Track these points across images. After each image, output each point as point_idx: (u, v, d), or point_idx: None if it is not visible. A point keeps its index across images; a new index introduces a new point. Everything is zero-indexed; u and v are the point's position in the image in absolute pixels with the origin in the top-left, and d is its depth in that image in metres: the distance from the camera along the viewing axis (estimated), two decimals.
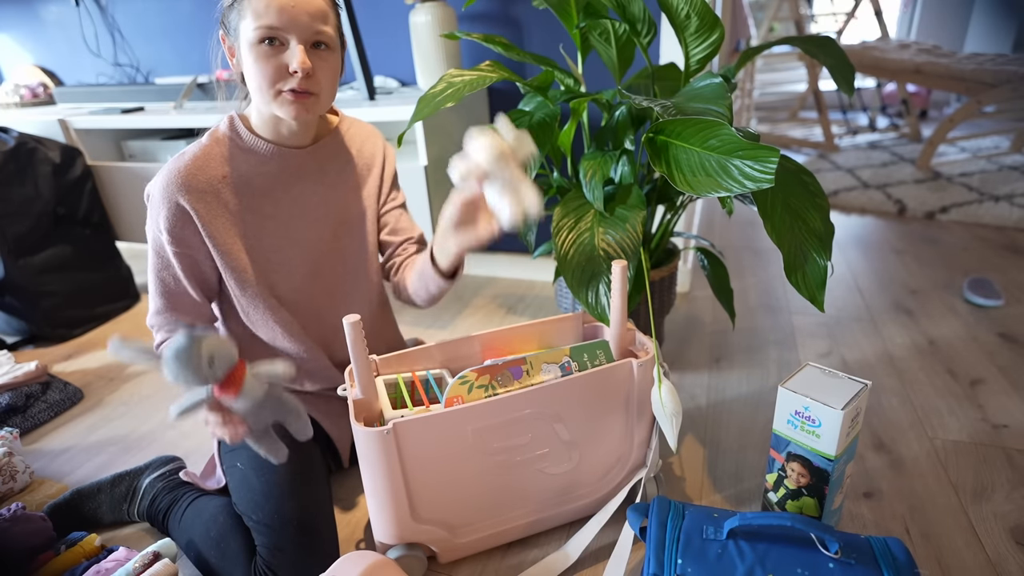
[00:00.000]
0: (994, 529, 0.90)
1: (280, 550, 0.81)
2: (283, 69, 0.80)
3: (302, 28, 0.79)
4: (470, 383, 0.82)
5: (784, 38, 1.13)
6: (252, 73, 0.81)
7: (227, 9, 0.82)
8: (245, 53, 0.80)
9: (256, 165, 0.90)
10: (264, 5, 0.77)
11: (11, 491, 1.09)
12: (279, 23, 0.77)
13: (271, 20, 0.77)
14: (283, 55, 0.79)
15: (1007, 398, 1.19)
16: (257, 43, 0.78)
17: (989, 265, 1.76)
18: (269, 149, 0.90)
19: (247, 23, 0.78)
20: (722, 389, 1.29)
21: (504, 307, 1.72)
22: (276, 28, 0.78)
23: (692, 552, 0.73)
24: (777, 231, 0.87)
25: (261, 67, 0.79)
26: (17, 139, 1.62)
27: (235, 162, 0.89)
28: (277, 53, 0.79)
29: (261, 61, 0.79)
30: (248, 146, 0.89)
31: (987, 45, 3.62)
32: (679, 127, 0.85)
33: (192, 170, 0.85)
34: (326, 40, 0.81)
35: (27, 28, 2.27)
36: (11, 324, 1.70)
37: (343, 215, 0.98)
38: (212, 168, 0.87)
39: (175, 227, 0.85)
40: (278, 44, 0.79)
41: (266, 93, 0.81)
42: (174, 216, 0.85)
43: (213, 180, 0.87)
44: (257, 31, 0.78)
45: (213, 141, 0.89)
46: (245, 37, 0.79)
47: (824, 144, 3.07)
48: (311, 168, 0.93)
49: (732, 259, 1.94)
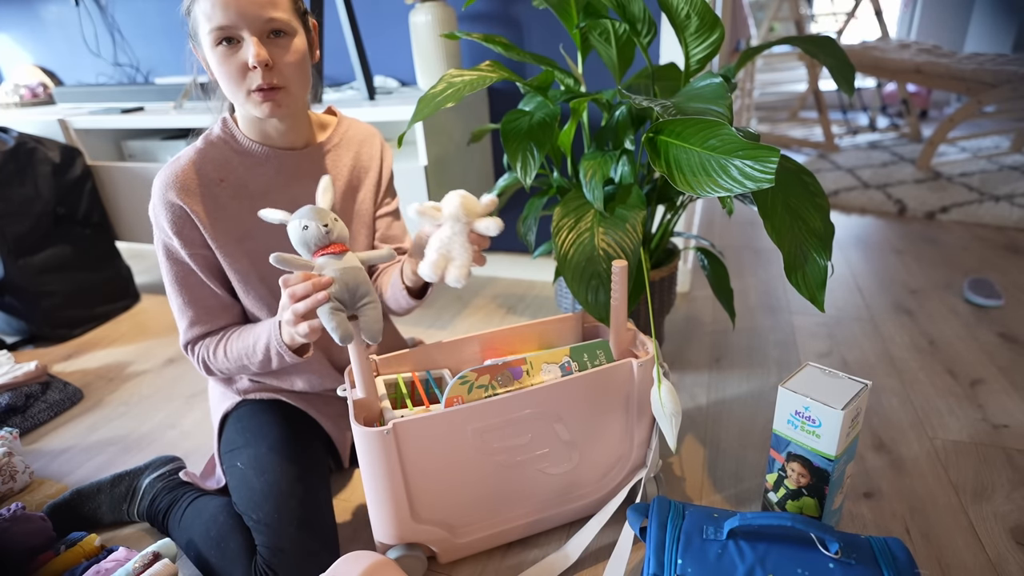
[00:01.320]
0: (994, 529, 0.90)
1: (280, 550, 0.81)
2: (243, 67, 0.78)
3: (251, 20, 0.76)
4: (470, 383, 0.82)
5: (784, 38, 1.13)
6: (219, 77, 0.80)
7: (187, 18, 0.80)
8: (209, 59, 0.79)
9: (252, 167, 0.89)
10: (210, 5, 0.75)
11: (11, 491, 1.09)
12: (227, 20, 0.75)
13: (219, 19, 0.75)
14: (240, 52, 0.77)
15: (1007, 398, 1.19)
16: (215, 46, 0.77)
17: (989, 265, 1.76)
18: (263, 151, 0.89)
19: (203, 28, 0.77)
20: (722, 389, 1.29)
21: (504, 307, 1.72)
22: (226, 27, 0.75)
23: (692, 552, 0.73)
24: (777, 231, 0.87)
25: (224, 70, 0.78)
26: (17, 139, 1.62)
27: (231, 165, 0.88)
28: (235, 52, 0.77)
29: (223, 64, 0.78)
30: (243, 148, 0.89)
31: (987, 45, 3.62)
32: (679, 127, 0.85)
33: (188, 173, 0.85)
34: (281, 26, 0.78)
35: (27, 28, 2.27)
36: (11, 324, 1.70)
37: (341, 216, 0.97)
38: (208, 171, 0.86)
39: (182, 229, 0.85)
40: (235, 43, 0.77)
41: (237, 95, 0.80)
42: (177, 219, 0.85)
43: (210, 183, 0.86)
44: (211, 34, 0.76)
45: (207, 144, 0.88)
46: (204, 43, 0.78)
47: (824, 144, 3.07)
48: (308, 170, 0.93)
49: (732, 259, 1.94)
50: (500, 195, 1.34)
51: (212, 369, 0.92)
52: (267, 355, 0.85)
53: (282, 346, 0.82)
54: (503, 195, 1.36)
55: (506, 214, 1.86)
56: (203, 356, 0.91)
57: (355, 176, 0.98)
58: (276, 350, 0.84)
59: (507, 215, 1.86)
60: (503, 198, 1.38)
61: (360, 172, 0.99)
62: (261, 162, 0.89)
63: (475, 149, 1.68)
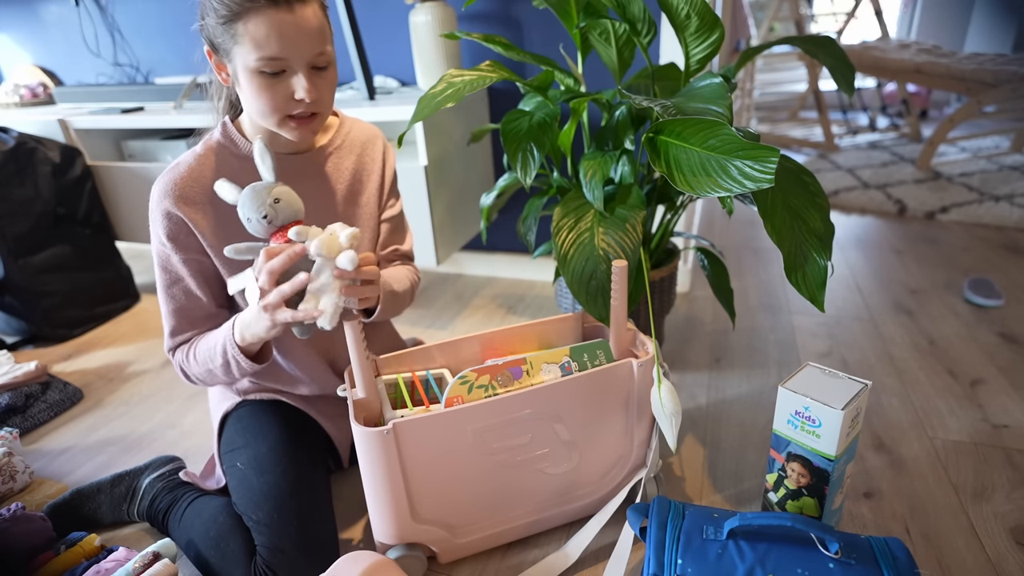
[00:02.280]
0: (994, 529, 0.90)
1: (280, 550, 0.81)
2: (288, 97, 0.77)
3: (304, 53, 0.75)
4: (470, 383, 0.82)
5: (784, 38, 1.13)
6: (253, 100, 0.77)
7: (215, 27, 0.74)
8: (243, 79, 0.76)
9: (253, 172, 0.87)
10: (264, 34, 0.72)
11: (11, 491, 1.09)
12: (282, 52, 0.73)
13: (274, 51, 0.73)
14: (287, 82, 0.76)
15: (1007, 398, 1.19)
16: (258, 73, 0.75)
17: (989, 265, 1.76)
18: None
19: (244, 50, 0.73)
20: (722, 389, 1.29)
21: (504, 307, 1.72)
22: (279, 59, 0.74)
23: (692, 552, 0.73)
24: (777, 231, 0.87)
25: (265, 97, 0.76)
26: (17, 139, 1.62)
27: (231, 170, 0.87)
28: (280, 81, 0.76)
29: (265, 91, 0.76)
30: (244, 153, 0.88)
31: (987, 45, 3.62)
32: (679, 127, 0.85)
33: (188, 181, 0.84)
34: (327, 60, 0.78)
35: (27, 28, 2.27)
36: (11, 324, 1.71)
37: (344, 220, 0.96)
38: (207, 178, 0.85)
39: (177, 235, 0.85)
40: (280, 71, 0.75)
41: (269, 119, 0.79)
42: (174, 225, 0.84)
43: (209, 190, 0.85)
44: (259, 62, 0.73)
45: (207, 150, 0.87)
46: (243, 63, 0.75)
47: (824, 144, 3.07)
48: (311, 173, 0.92)
49: (732, 259, 1.94)
50: (500, 195, 1.34)
51: (189, 376, 0.91)
52: (224, 359, 0.84)
53: (234, 348, 0.82)
54: (503, 195, 1.36)
55: (506, 214, 1.86)
56: (180, 361, 0.90)
57: (357, 179, 0.97)
58: (231, 355, 0.82)
59: (507, 215, 1.86)
60: (503, 198, 1.38)
61: (363, 175, 0.98)
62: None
63: (475, 149, 1.68)
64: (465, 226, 1.67)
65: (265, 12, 0.71)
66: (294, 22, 0.73)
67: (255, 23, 0.72)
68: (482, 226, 1.37)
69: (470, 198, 1.67)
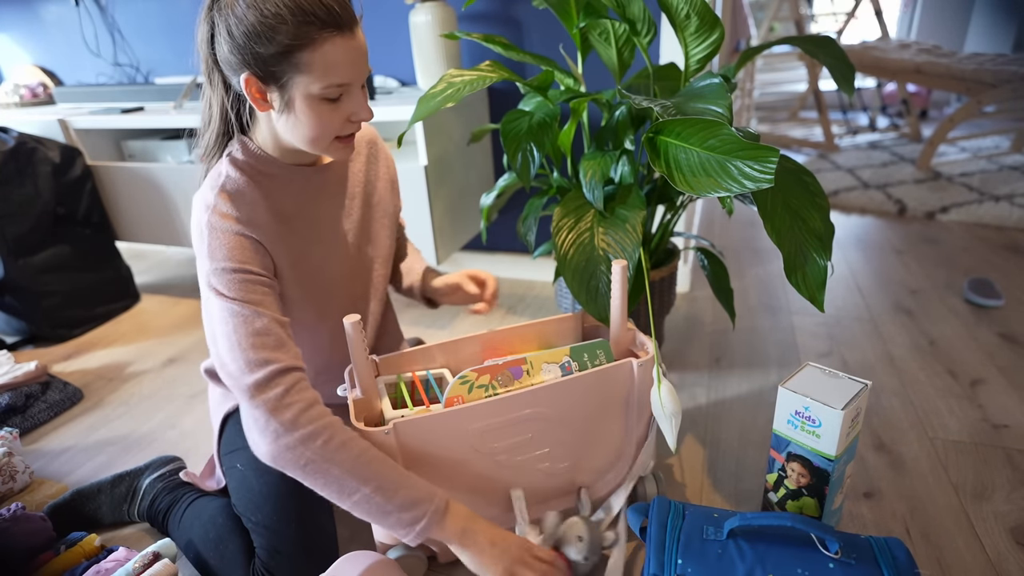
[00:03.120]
0: (994, 529, 0.90)
1: (279, 552, 0.81)
2: (345, 120, 0.77)
3: (362, 74, 0.76)
4: (470, 383, 0.82)
5: (784, 38, 1.13)
6: (309, 125, 0.75)
7: (270, 56, 0.70)
8: (300, 106, 0.74)
9: (280, 187, 0.84)
10: (332, 62, 0.71)
11: (11, 491, 1.09)
12: (349, 78, 0.73)
13: (342, 77, 0.73)
14: (343, 105, 0.76)
15: (1007, 398, 1.19)
16: (320, 100, 0.74)
17: (989, 265, 1.76)
18: (286, 171, 0.85)
19: (308, 79, 0.71)
20: (722, 389, 1.28)
21: (504, 307, 1.72)
22: (347, 84, 0.74)
23: (692, 552, 0.73)
24: (777, 231, 0.87)
25: (324, 121, 0.75)
26: (17, 139, 1.62)
27: (263, 188, 0.83)
28: (339, 105, 0.76)
29: (326, 116, 0.75)
30: (268, 171, 0.83)
31: (987, 45, 3.62)
32: (679, 127, 0.85)
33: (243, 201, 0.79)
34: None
35: (27, 28, 2.27)
36: (11, 324, 1.71)
37: (364, 224, 0.96)
38: (247, 196, 0.80)
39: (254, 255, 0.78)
40: (340, 96, 0.75)
41: (321, 143, 0.77)
42: (247, 244, 0.78)
43: (253, 209, 0.80)
44: (327, 89, 0.72)
45: (235, 169, 0.81)
46: (304, 91, 0.73)
47: (824, 144, 3.07)
48: (331, 183, 0.90)
49: (732, 259, 1.94)
50: (500, 195, 1.34)
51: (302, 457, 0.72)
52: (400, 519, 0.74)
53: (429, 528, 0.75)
54: (503, 195, 1.36)
55: (506, 214, 1.86)
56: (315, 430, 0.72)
57: (368, 181, 0.97)
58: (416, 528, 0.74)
59: (507, 215, 1.86)
60: (503, 198, 1.38)
61: (371, 176, 0.98)
62: (287, 182, 0.85)
63: (475, 149, 1.68)
64: (465, 226, 1.67)
65: (333, 40, 0.70)
66: (357, 47, 0.73)
67: (323, 52, 0.70)
68: (482, 226, 1.37)
69: (470, 198, 1.67)
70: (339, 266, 0.92)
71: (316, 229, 0.88)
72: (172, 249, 2.39)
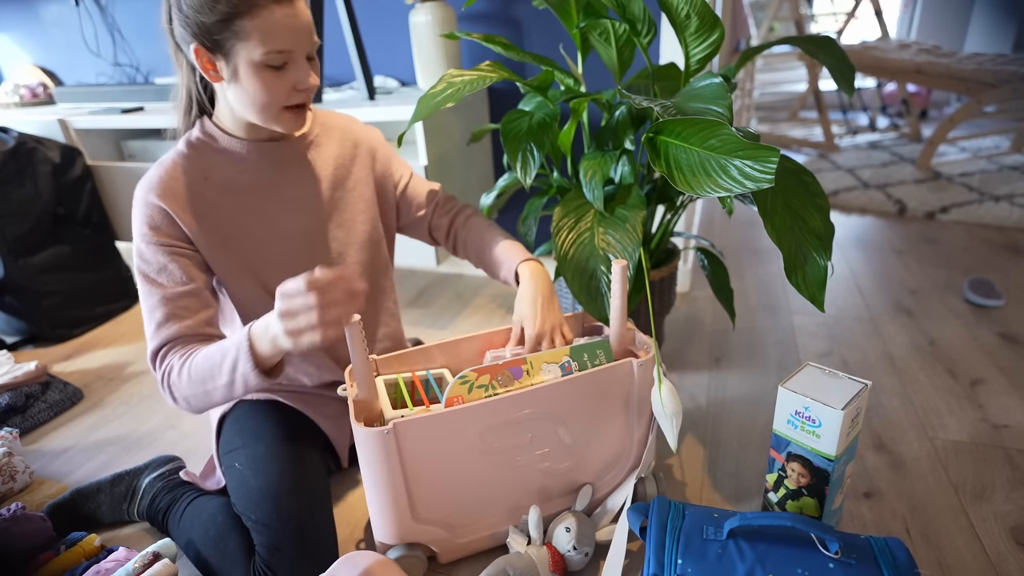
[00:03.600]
0: (994, 529, 0.90)
1: (279, 549, 0.81)
2: (290, 88, 0.80)
3: (305, 43, 0.79)
4: (470, 383, 0.82)
5: (784, 38, 1.13)
6: (255, 93, 0.80)
7: (212, 25, 0.75)
8: (245, 75, 0.78)
9: (235, 163, 0.90)
10: (271, 29, 0.75)
11: (11, 491, 1.09)
12: (289, 45, 0.77)
13: (282, 44, 0.77)
14: (288, 74, 0.80)
15: (1007, 398, 1.19)
16: (262, 66, 0.78)
17: (989, 265, 1.76)
18: (245, 146, 0.89)
19: (250, 45, 0.76)
20: (722, 389, 1.28)
21: (504, 307, 1.72)
22: (287, 51, 0.78)
23: (692, 552, 0.73)
24: (777, 231, 0.87)
25: (268, 89, 0.79)
26: (17, 139, 1.62)
27: (214, 163, 0.89)
28: (283, 73, 0.79)
29: (269, 84, 0.79)
30: (223, 147, 0.89)
31: (987, 45, 3.62)
32: (679, 127, 0.85)
33: (172, 175, 0.85)
34: (316, 49, 0.83)
35: (27, 28, 2.27)
36: (11, 324, 1.70)
37: (330, 206, 0.97)
38: (192, 171, 0.87)
39: (159, 224, 0.84)
40: (283, 64, 0.79)
41: (268, 111, 0.81)
42: (157, 215, 0.84)
43: (194, 182, 0.87)
44: (268, 56, 0.76)
45: (188, 147, 0.88)
46: (247, 59, 0.77)
47: (824, 144, 3.07)
48: (292, 161, 0.93)
49: (732, 259, 1.94)
50: (500, 195, 1.34)
51: (173, 391, 0.81)
52: (231, 377, 0.76)
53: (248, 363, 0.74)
54: (503, 195, 1.36)
55: (506, 214, 1.85)
56: (167, 371, 0.81)
57: (341, 164, 0.99)
58: (243, 371, 0.75)
59: (507, 215, 1.86)
60: (503, 198, 1.38)
61: (346, 159, 0.99)
62: (243, 157, 0.90)
63: (475, 149, 1.68)
64: None
65: (271, 8, 0.75)
66: (295, 15, 0.77)
67: (262, 18, 0.75)
68: None
69: (470, 198, 1.67)
70: (291, 243, 0.94)
71: (269, 203, 0.92)
72: None
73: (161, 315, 0.82)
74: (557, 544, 0.85)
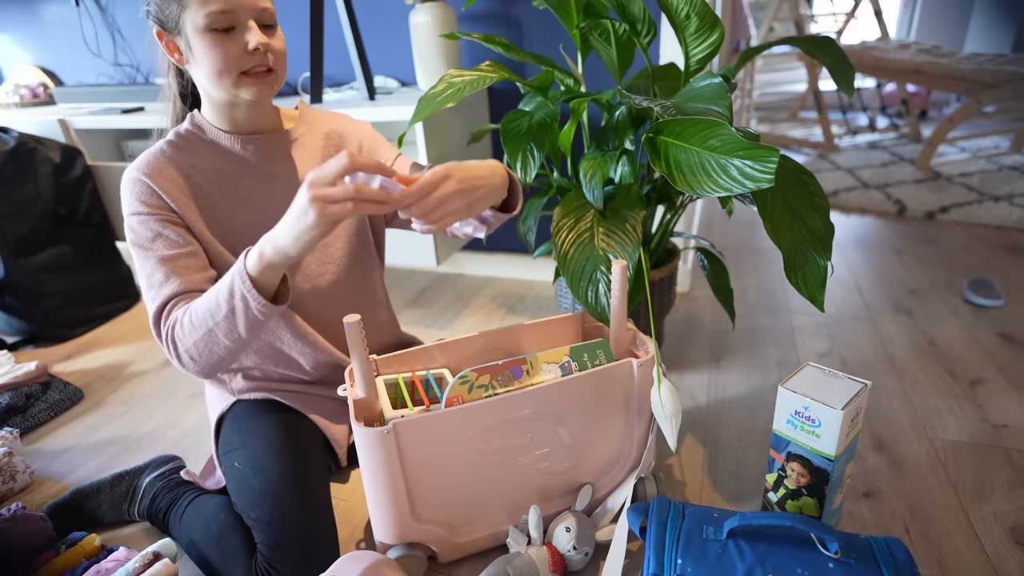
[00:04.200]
0: (994, 529, 0.90)
1: (280, 548, 0.81)
2: (241, 50, 0.81)
3: (249, 7, 0.80)
4: (470, 383, 0.83)
5: (784, 38, 1.13)
6: (208, 60, 0.81)
7: (161, 4, 0.80)
8: (196, 43, 0.80)
9: (222, 154, 0.91)
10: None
11: (11, 491, 1.09)
12: (228, 6, 0.78)
13: (221, 5, 0.78)
14: (238, 37, 0.80)
15: (1007, 398, 1.19)
16: (208, 30, 0.79)
17: (989, 265, 1.76)
18: (231, 138, 0.91)
19: (192, 12, 0.78)
20: (722, 389, 1.29)
21: (504, 307, 1.72)
22: (226, 12, 0.78)
23: (692, 552, 0.74)
24: (777, 231, 0.87)
25: (219, 52, 0.80)
26: (17, 139, 1.62)
27: (201, 153, 0.90)
28: (231, 37, 0.80)
29: (218, 47, 0.79)
30: (211, 138, 0.91)
31: (987, 45, 3.62)
32: (679, 127, 0.85)
33: (160, 160, 0.87)
34: (272, 18, 0.83)
35: (27, 28, 2.27)
36: (11, 324, 1.71)
37: None
38: (180, 159, 0.88)
39: (150, 199, 0.85)
40: (229, 30, 0.80)
41: (226, 78, 0.82)
42: (147, 192, 0.85)
43: (182, 168, 0.88)
44: (208, 17, 0.78)
45: (177, 137, 0.90)
46: (193, 26, 0.79)
47: (824, 144, 3.07)
48: (276, 156, 0.94)
49: (732, 259, 1.94)
50: None
51: (179, 349, 0.80)
52: (230, 306, 0.75)
53: (245, 280, 0.74)
54: None
55: None
56: (171, 327, 0.80)
57: (327, 158, 0.99)
58: (240, 293, 0.74)
59: None
60: None
61: (332, 152, 1.00)
62: (230, 148, 0.91)
63: (475, 149, 1.68)
64: None
65: None
66: None
67: None
68: None
69: None
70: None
71: (256, 194, 0.93)
72: None
73: (161, 275, 0.82)
74: (557, 544, 0.85)
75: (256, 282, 0.75)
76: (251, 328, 0.77)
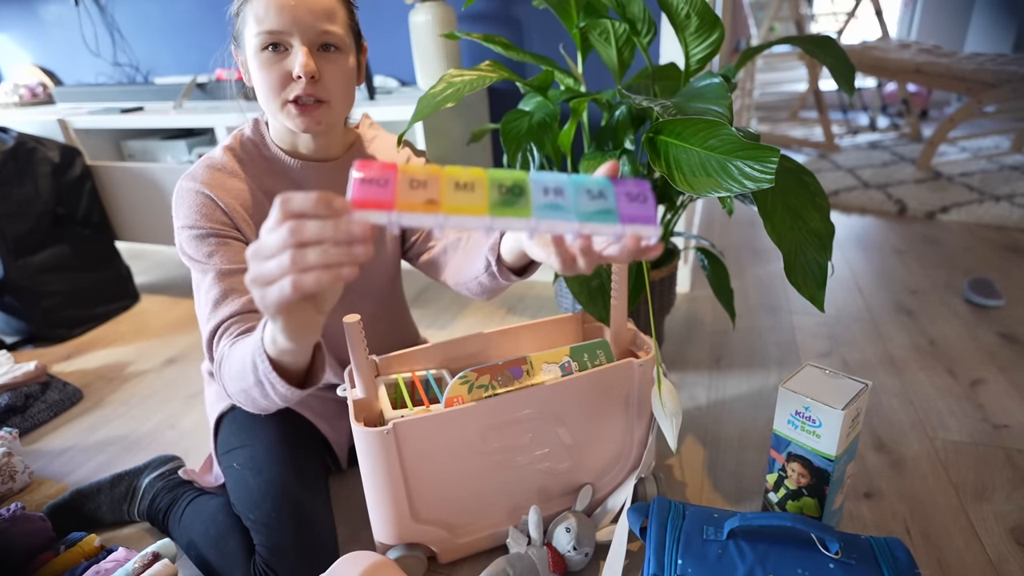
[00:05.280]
0: (994, 529, 0.90)
1: (278, 548, 0.81)
2: (287, 76, 0.75)
3: (305, 28, 0.73)
4: (470, 383, 0.82)
5: (784, 38, 1.13)
6: (258, 83, 0.77)
7: (234, 18, 0.77)
8: (251, 63, 0.76)
9: (276, 174, 0.87)
10: (264, 8, 0.73)
11: (11, 491, 1.09)
12: (280, 25, 0.72)
13: (272, 23, 0.72)
14: (286, 60, 0.75)
15: (1007, 398, 1.19)
16: (260, 50, 0.74)
17: (989, 265, 1.76)
18: (288, 162, 0.87)
19: (249, 30, 0.74)
20: (722, 389, 1.28)
21: (504, 307, 1.72)
22: (278, 32, 0.73)
23: (692, 552, 0.73)
24: (777, 231, 0.87)
25: (265, 75, 0.75)
26: (16, 139, 1.62)
27: (260, 168, 0.86)
28: (281, 59, 0.74)
29: (264, 69, 0.75)
30: (270, 154, 0.87)
31: (987, 45, 3.62)
32: (679, 127, 0.84)
33: (223, 173, 0.83)
34: (334, 41, 0.76)
35: (27, 28, 2.27)
36: (11, 324, 1.70)
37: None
38: (237, 169, 0.85)
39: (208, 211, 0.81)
40: (282, 49, 0.74)
41: (272, 103, 0.77)
42: (204, 202, 0.81)
43: (245, 182, 0.85)
44: (259, 37, 0.73)
45: (237, 143, 0.87)
46: (249, 45, 0.75)
47: (824, 144, 3.07)
48: (330, 185, 0.90)
49: (732, 259, 1.94)
50: None
51: (228, 389, 0.71)
52: (256, 376, 0.62)
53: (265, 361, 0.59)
54: None
55: None
56: (220, 363, 0.73)
57: None
58: (263, 370, 0.60)
59: None
60: None
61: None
62: (285, 171, 0.87)
63: (475, 149, 1.68)
64: None
65: None
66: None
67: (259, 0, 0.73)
68: None
69: None
70: None
71: None
72: (172, 249, 2.39)
73: (218, 292, 0.77)
74: (557, 544, 0.85)
75: (277, 364, 0.60)
76: (286, 400, 0.65)
